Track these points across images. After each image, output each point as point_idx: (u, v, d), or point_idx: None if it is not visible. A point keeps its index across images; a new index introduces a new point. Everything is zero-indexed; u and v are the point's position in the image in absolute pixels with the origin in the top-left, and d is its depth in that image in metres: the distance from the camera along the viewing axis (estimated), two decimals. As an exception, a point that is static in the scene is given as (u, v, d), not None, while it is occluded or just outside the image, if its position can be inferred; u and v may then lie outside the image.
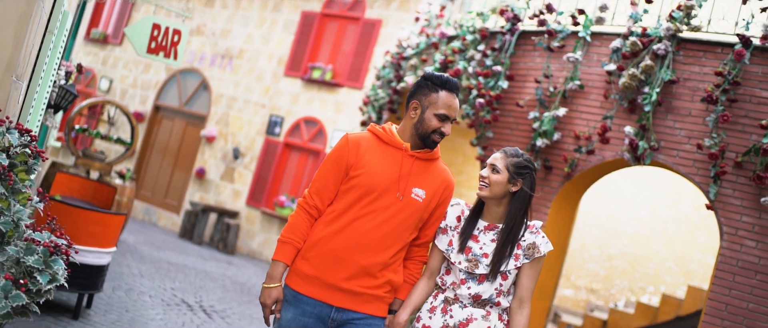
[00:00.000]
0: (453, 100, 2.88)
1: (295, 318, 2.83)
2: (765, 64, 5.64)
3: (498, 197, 2.91)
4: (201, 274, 9.33)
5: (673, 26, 5.94)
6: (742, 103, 5.66)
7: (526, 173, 2.91)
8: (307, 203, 2.89)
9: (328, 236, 2.82)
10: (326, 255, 2.82)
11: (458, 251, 2.92)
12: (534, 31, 6.92)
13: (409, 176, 2.86)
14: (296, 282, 2.86)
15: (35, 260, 2.54)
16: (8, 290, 2.48)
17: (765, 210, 5.47)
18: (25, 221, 2.73)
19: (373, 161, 2.84)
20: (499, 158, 2.93)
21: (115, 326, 5.78)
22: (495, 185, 2.89)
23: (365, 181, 2.81)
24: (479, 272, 2.87)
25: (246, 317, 7.46)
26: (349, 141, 2.89)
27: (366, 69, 12.41)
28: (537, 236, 2.89)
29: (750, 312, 5.43)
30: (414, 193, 2.85)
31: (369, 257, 2.82)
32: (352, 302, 2.84)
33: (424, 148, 2.92)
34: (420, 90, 2.92)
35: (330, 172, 2.87)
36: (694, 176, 5.80)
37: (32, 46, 3.35)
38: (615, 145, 6.21)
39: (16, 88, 3.05)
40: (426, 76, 2.94)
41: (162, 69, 15.04)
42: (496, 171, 2.90)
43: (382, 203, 2.81)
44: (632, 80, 6.00)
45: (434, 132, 2.87)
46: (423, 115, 2.88)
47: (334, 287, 2.82)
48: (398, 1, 12.48)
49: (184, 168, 14.31)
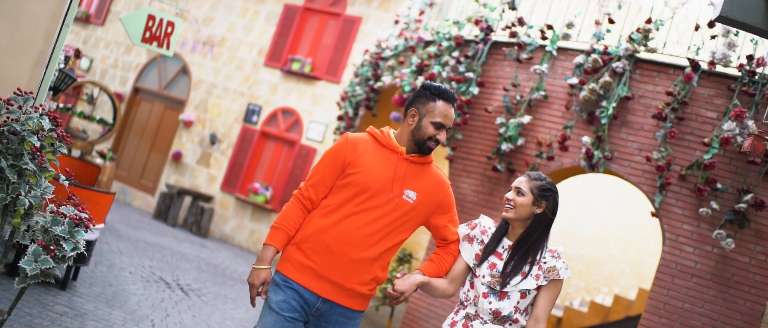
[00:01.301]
0: (449, 110, 3.03)
1: (284, 301, 2.95)
2: (711, 87, 6.20)
3: (523, 219, 3.00)
4: (176, 254, 9.69)
5: (631, 47, 6.48)
6: (689, 122, 6.22)
7: (550, 196, 3.02)
8: (302, 195, 3.04)
9: (322, 229, 2.96)
10: (320, 247, 2.95)
11: (479, 265, 3.03)
12: (505, 43, 7.41)
13: (403, 179, 2.99)
14: (288, 269, 2.99)
15: (62, 229, 2.94)
16: (38, 255, 2.89)
17: (703, 219, 6.03)
18: (48, 196, 3.13)
19: (369, 162, 2.99)
20: (523, 182, 3.04)
21: (100, 299, 6.15)
22: (520, 207, 2.99)
23: (361, 179, 2.96)
24: (501, 289, 2.97)
25: (220, 297, 7.86)
26: (348, 140, 3.04)
27: (344, 64, 12.82)
28: (558, 260, 2.98)
29: (684, 311, 6.00)
30: (405, 195, 2.99)
31: (359, 252, 2.95)
32: (339, 295, 2.98)
33: (418, 153, 3.06)
34: (418, 99, 3.07)
35: (327, 167, 3.02)
36: (643, 185, 6.35)
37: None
38: (573, 153, 6.73)
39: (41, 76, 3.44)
40: (425, 85, 3.08)
41: (143, 52, 15.28)
42: (521, 194, 3.00)
43: (376, 202, 2.95)
44: (592, 94, 6.52)
45: (430, 139, 3.02)
46: (420, 123, 3.02)
47: (325, 278, 2.96)
48: (378, 0, 12.90)
49: (161, 150, 14.59)
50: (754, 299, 5.80)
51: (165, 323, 6.07)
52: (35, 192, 3.05)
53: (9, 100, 3.02)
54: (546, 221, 3.00)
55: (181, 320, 6.35)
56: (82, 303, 5.82)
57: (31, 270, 2.85)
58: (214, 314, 7.00)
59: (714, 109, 6.15)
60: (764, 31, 3.56)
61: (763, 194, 5.85)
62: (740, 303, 5.83)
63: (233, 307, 7.57)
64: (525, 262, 2.95)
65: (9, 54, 3.11)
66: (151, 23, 6.71)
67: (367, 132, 3.13)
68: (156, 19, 6.73)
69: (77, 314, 5.46)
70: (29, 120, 3.04)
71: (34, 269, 2.86)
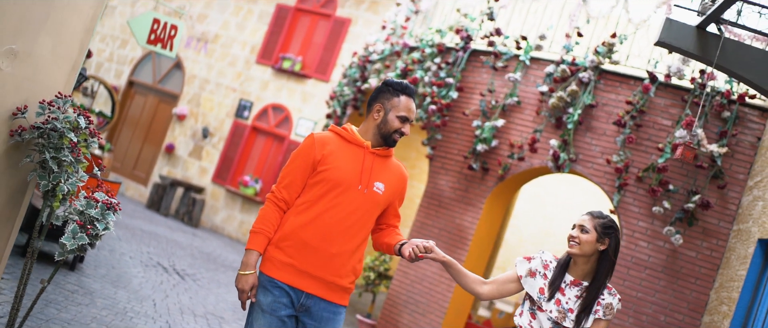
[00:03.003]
0: (412, 104, 3.18)
1: (273, 301, 3.04)
2: (667, 98, 6.84)
3: (587, 255, 3.09)
4: (171, 242, 10.23)
5: (596, 59, 7.10)
6: (646, 129, 6.85)
7: (612, 233, 3.10)
8: (276, 197, 3.13)
9: (300, 227, 3.05)
10: (299, 244, 3.04)
11: (548, 300, 3.11)
12: (483, 51, 8.02)
13: (370, 172, 3.13)
14: (271, 269, 3.07)
15: (96, 212, 3.51)
16: (76, 232, 3.45)
17: (656, 217, 6.67)
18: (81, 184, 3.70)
19: (338, 158, 3.10)
20: (587, 220, 3.11)
21: (105, 279, 6.70)
22: (585, 244, 3.07)
23: (332, 176, 3.06)
24: (566, 325, 3.06)
25: (214, 282, 8.43)
26: (315, 140, 3.14)
27: (333, 63, 13.39)
28: (614, 298, 3.11)
29: (638, 300, 6.63)
30: (375, 186, 3.13)
31: (338, 245, 3.05)
32: (321, 289, 3.06)
33: (384, 146, 3.19)
34: (382, 94, 3.19)
35: (298, 168, 3.11)
36: (604, 185, 6.98)
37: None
38: (541, 155, 7.35)
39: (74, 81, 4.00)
40: (387, 82, 3.21)
41: (138, 46, 15.76)
42: (585, 231, 3.08)
43: (348, 196, 3.07)
44: (560, 101, 7.14)
45: (396, 132, 3.15)
46: (386, 117, 3.15)
47: (306, 274, 3.04)
48: (368, 3, 13.46)
49: (154, 143, 15.09)
50: (699, 290, 6.45)
51: (165, 303, 6.63)
52: (72, 180, 3.61)
53: (51, 102, 3.58)
54: (610, 262, 3.10)
55: (179, 301, 6.91)
56: (89, 283, 6.37)
57: (71, 245, 3.41)
58: (209, 296, 7.57)
59: (669, 117, 6.79)
60: (695, 55, 4.16)
61: (709, 195, 6.50)
62: (687, 293, 6.47)
63: (226, 291, 8.14)
64: (595, 302, 3.06)
65: (52, 63, 3.67)
66: (156, 26, 7.27)
67: (330, 130, 3.25)
68: (161, 22, 7.28)
69: (86, 293, 6.01)
70: (67, 119, 3.59)
71: (72, 244, 3.42)
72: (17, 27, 3.38)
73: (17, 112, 3.50)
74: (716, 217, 6.47)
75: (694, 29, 4.14)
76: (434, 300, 7.70)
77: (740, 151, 6.48)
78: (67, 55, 3.75)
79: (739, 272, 5.78)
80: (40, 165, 3.57)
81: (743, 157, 6.46)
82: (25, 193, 3.79)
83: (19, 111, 3.50)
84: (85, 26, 3.81)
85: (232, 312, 7.22)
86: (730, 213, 6.43)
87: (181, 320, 6.25)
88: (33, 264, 3.68)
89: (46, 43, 3.59)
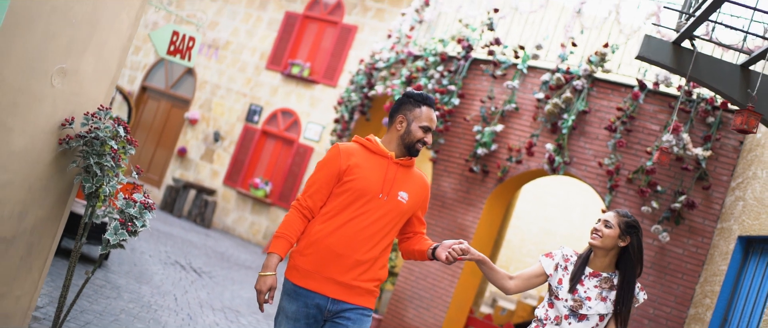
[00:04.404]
0: (433, 114, 3.26)
1: (298, 309, 3.11)
2: (655, 104, 7.27)
3: (607, 249, 3.24)
4: (186, 242, 10.71)
5: (590, 68, 7.54)
6: (636, 133, 7.29)
7: (634, 233, 3.25)
8: (300, 205, 3.19)
9: (325, 234, 3.11)
10: (324, 251, 3.10)
11: (568, 290, 3.28)
12: (483, 60, 8.46)
13: (394, 181, 3.20)
14: (296, 277, 3.14)
15: (134, 211, 3.97)
16: (117, 229, 3.91)
17: (646, 216, 7.10)
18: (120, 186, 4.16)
19: (363, 169, 3.17)
20: (612, 216, 3.28)
21: (129, 276, 7.18)
22: (607, 237, 3.23)
23: (357, 185, 3.13)
24: (582, 312, 3.23)
25: (228, 279, 8.90)
26: (340, 150, 3.21)
27: (341, 69, 13.85)
28: (640, 293, 3.31)
29: (628, 294, 7.06)
30: (399, 196, 3.20)
31: (363, 252, 3.11)
32: (347, 294, 3.12)
33: (407, 156, 3.26)
34: (404, 106, 3.26)
35: (323, 177, 3.19)
36: (596, 187, 7.42)
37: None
38: (538, 158, 7.79)
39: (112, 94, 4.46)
40: (408, 94, 3.28)
41: (151, 52, 16.26)
42: (609, 226, 3.24)
43: (373, 206, 3.14)
44: (555, 108, 7.58)
45: (418, 141, 3.22)
46: (409, 127, 3.22)
47: (331, 280, 3.10)
48: (374, 11, 13.93)
49: (167, 146, 15.59)
50: (685, 284, 6.87)
51: (185, 298, 7.09)
52: (113, 183, 4.07)
53: (94, 114, 4.04)
54: (633, 259, 3.26)
55: (198, 296, 7.38)
56: (115, 279, 6.84)
57: (113, 240, 3.87)
58: (225, 292, 8.03)
59: (657, 123, 7.22)
60: (671, 68, 4.60)
61: (695, 195, 6.93)
62: (674, 287, 6.90)
63: (240, 287, 8.61)
64: (632, 294, 3.24)
65: (94, 79, 4.13)
66: (175, 38, 7.74)
67: (354, 141, 3.31)
68: (179, 34, 7.75)
69: (113, 288, 6.48)
70: (108, 129, 4.05)
71: (115, 239, 3.88)
72: (67, 48, 3.85)
73: (65, 123, 3.97)
74: (701, 216, 6.90)
75: (671, 45, 4.58)
76: (438, 296, 8.15)
77: (724, 155, 6.91)
78: (106, 72, 4.21)
79: (721, 267, 6.21)
80: (84, 170, 4.04)
81: (726, 160, 6.89)
82: (70, 195, 4.26)
83: (67, 122, 3.97)
84: (122, 45, 4.28)
85: (246, 306, 7.68)
86: (715, 212, 6.85)
87: (200, 312, 6.71)
88: (78, 257, 4.15)
89: (90, 61, 4.05)
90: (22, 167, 3.81)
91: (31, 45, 3.61)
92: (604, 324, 3.26)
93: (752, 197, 5.89)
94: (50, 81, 3.81)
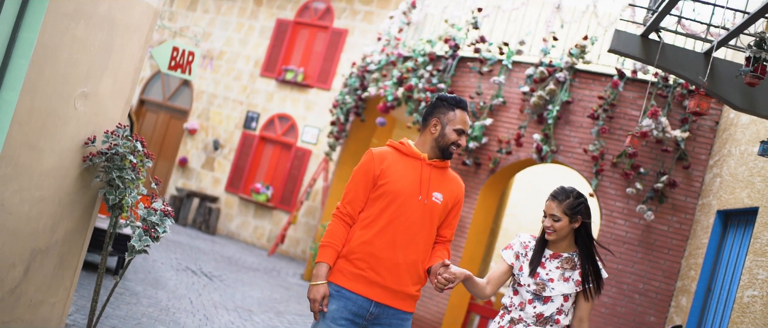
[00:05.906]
0: (466, 117, 3.28)
1: (338, 309, 3.14)
2: (634, 91, 7.67)
3: (564, 236, 3.31)
4: (194, 249, 11.09)
5: (571, 60, 7.94)
6: (618, 119, 7.68)
7: (581, 208, 3.28)
8: (341, 213, 3.24)
9: (368, 240, 3.16)
10: (367, 256, 3.15)
11: (528, 275, 3.28)
12: (470, 58, 8.86)
13: (429, 182, 3.24)
14: (340, 279, 3.17)
15: (155, 218, 4.35)
16: (141, 236, 4.29)
17: (631, 197, 7.51)
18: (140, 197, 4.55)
19: (396, 171, 3.22)
20: (554, 207, 3.27)
21: (145, 282, 7.56)
22: (560, 230, 3.27)
23: (392, 188, 3.18)
24: (545, 294, 3.24)
25: (238, 281, 9.28)
26: (373, 155, 3.25)
27: (334, 72, 14.23)
28: (602, 270, 3.33)
29: (619, 271, 7.46)
30: (434, 196, 3.23)
31: (404, 255, 3.16)
32: (389, 298, 3.17)
33: (441, 158, 3.29)
34: (437, 109, 3.29)
35: (360, 183, 3.24)
36: (583, 172, 7.82)
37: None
38: (526, 148, 8.19)
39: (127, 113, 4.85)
40: (441, 97, 3.32)
41: (147, 65, 16.62)
42: (556, 219, 3.26)
43: (409, 207, 3.18)
44: (540, 100, 7.97)
45: (453, 144, 3.25)
46: (443, 131, 3.25)
47: (376, 284, 3.15)
48: (363, 14, 14.31)
49: (168, 157, 15.95)
50: (672, 259, 7.28)
51: (200, 301, 7.48)
52: (134, 194, 4.45)
53: (113, 132, 4.42)
54: (585, 229, 3.31)
55: (211, 298, 7.76)
56: (132, 286, 7.22)
57: (139, 246, 4.25)
58: (236, 294, 8.41)
59: (637, 108, 7.62)
60: (640, 58, 5.00)
61: (676, 175, 7.33)
62: (661, 263, 7.30)
63: (250, 289, 8.99)
64: (596, 267, 3.29)
65: (111, 100, 4.51)
66: (175, 53, 8.11)
67: (387, 145, 3.36)
68: (179, 49, 8.12)
69: (132, 294, 6.86)
70: (127, 144, 4.43)
71: (139, 245, 4.26)
72: (86, 73, 4.23)
73: (88, 142, 4.35)
74: (683, 194, 7.30)
75: (639, 38, 4.97)
76: (439, 285, 8.53)
77: (701, 135, 7.31)
78: (122, 92, 4.59)
79: (703, 240, 6.61)
80: (107, 183, 4.42)
81: (704, 140, 7.29)
82: (94, 208, 4.64)
83: (90, 141, 4.35)
84: (135, 67, 4.66)
85: (258, 306, 8.07)
86: (695, 190, 7.26)
87: (215, 313, 7.09)
88: (105, 264, 4.53)
89: (107, 83, 4.43)
90: (52, 184, 4.19)
91: (57, 73, 3.99)
92: (571, 303, 3.27)
93: (728, 173, 6.29)
94: (73, 104, 4.19)
